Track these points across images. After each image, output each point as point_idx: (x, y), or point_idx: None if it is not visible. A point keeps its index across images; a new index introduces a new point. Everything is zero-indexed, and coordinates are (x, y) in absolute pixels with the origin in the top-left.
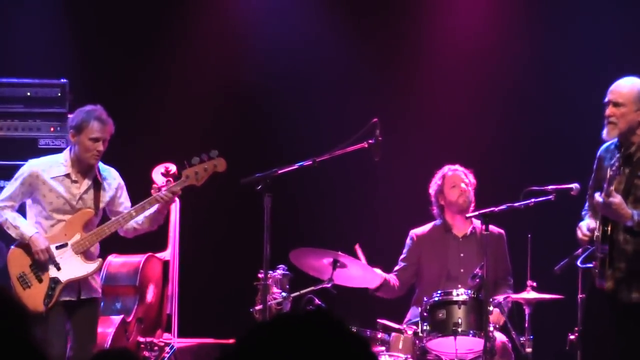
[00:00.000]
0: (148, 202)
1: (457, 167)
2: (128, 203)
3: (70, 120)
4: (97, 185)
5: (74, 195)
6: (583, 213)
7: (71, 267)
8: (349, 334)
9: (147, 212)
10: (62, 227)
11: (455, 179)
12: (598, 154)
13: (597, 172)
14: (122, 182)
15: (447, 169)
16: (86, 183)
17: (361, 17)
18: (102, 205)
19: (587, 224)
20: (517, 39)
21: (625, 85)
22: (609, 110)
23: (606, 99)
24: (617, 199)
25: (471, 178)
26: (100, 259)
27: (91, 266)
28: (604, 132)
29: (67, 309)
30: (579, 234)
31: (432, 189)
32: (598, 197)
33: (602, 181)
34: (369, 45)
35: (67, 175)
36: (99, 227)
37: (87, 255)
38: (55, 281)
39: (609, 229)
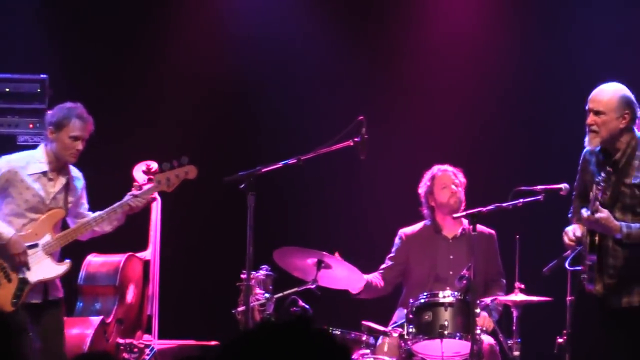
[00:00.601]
0: (120, 205)
1: (446, 167)
2: (87, 205)
3: (49, 116)
4: (68, 184)
5: (49, 193)
6: (569, 216)
7: (41, 268)
8: (332, 343)
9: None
10: (33, 226)
11: (446, 180)
12: (582, 156)
13: (582, 175)
14: (84, 184)
15: (437, 170)
16: (60, 182)
17: (348, 14)
18: (69, 205)
19: (572, 230)
20: (508, 38)
21: (606, 93)
22: (589, 119)
23: (587, 107)
24: (604, 214)
25: (461, 177)
26: (69, 261)
27: (61, 268)
28: (586, 140)
29: (31, 311)
30: (566, 240)
31: (422, 189)
32: (585, 212)
33: (587, 185)
34: (356, 42)
35: (44, 173)
36: (71, 228)
37: (55, 256)
38: (24, 282)
39: (597, 238)
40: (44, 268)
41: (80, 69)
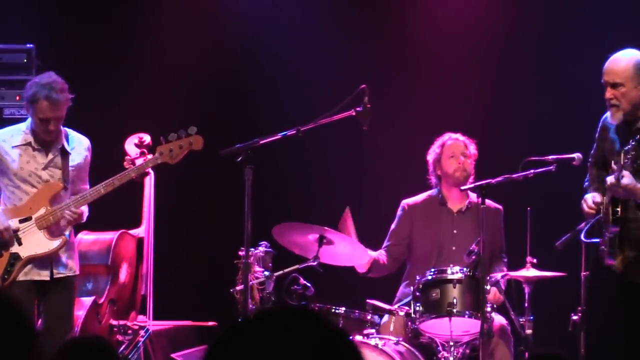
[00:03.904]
0: (118, 178)
1: (458, 136)
2: (87, 185)
3: (25, 89)
4: (65, 155)
5: (40, 164)
6: (586, 185)
7: (33, 243)
8: (334, 334)
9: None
10: (28, 199)
11: (454, 149)
12: (601, 122)
13: (600, 143)
14: (89, 156)
15: (447, 137)
16: (52, 152)
17: None
18: (72, 174)
19: (592, 197)
20: (517, 7)
21: (621, 63)
22: (608, 93)
23: (602, 80)
24: (628, 179)
25: (472, 149)
26: (64, 236)
27: (54, 243)
28: (609, 116)
29: (38, 289)
30: (585, 208)
31: (430, 156)
32: (610, 179)
33: (606, 153)
34: (358, 8)
35: (29, 144)
36: (65, 202)
37: (51, 231)
38: (14, 257)
39: (620, 209)
40: (36, 243)
41: (68, 38)
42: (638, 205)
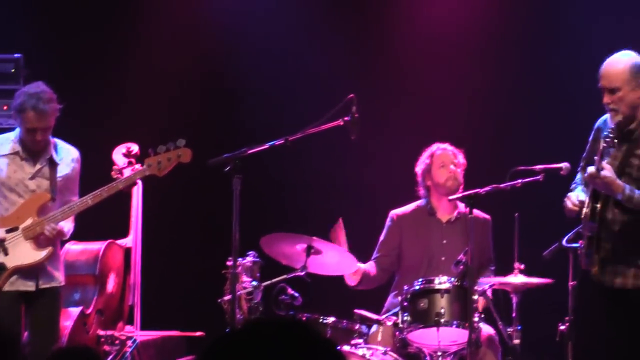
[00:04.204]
0: (106, 189)
1: (446, 145)
2: (77, 197)
3: (13, 99)
4: (53, 165)
5: (27, 174)
6: (573, 186)
7: (19, 253)
8: (322, 344)
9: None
10: (15, 209)
11: (444, 158)
12: (596, 125)
13: (593, 144)
14: (78, 167)
15: (436, 148)
16: (40, 162)
17: None
18: (59, 188)
19: (577, 195)
20: (504, 13)
21: (616, 66)
22: (605, 98)
23: (599, 85)
24: (609, 172)
25: (461, 158)
26: (50, 247)
27: (40, 253)
28: (609, 119)
29: (25, 300)
30: (568, 204)
31: (419, 167)
32: (590, 169)
33: (597, 153)
34: (346, 18)
35: (17, 153)
36: (52, 213)
37: (38, 242)
38: (0, 267)
39: (599, 205)
40: (22, 253)
41: (57, 48)
42: (617, 204)
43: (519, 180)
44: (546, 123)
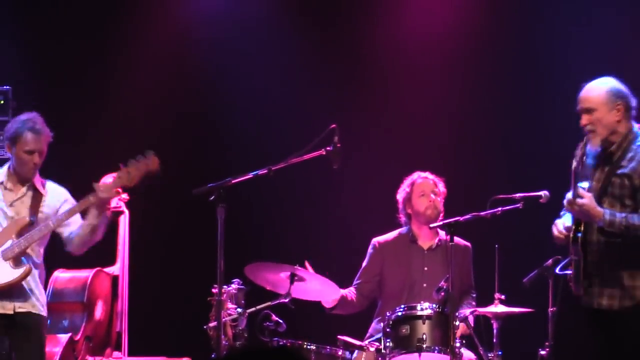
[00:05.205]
0: (78, 205)
1: (427, 174)
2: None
3: (5, 131)
4: (38, 195)
5: (7, 201)
6: (562, 213)
7: None
8: None
9: (88, 220)
10: None
11: (425, 187)
12: (579, 150)
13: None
14: (70, 199)
15: (417, 176)
16: (21, 191)
17: (317, 20)
18: (41, 214)
19: (562, 222)
20: (484, 44)
21: (593, 89)
22: (583, 120)
23: (577, 108)
24: (587, 199)
25: (441, 187)
26: (28, 265)
27: (15, 272)
28: (589, 142)
29: (5, 324)
30: (555, 232)
31: (400, 195)
32: (568, 195)
33: (583, 179)
34: (326, 48)
35: (1, 183)
36: (31, 231)
37: (17, 262)
38: None
39: (582, 228)
40: (0, 273)
41: (45, 80)
42: (600, 229)
43: (499, 208)
44: (525, 151)
